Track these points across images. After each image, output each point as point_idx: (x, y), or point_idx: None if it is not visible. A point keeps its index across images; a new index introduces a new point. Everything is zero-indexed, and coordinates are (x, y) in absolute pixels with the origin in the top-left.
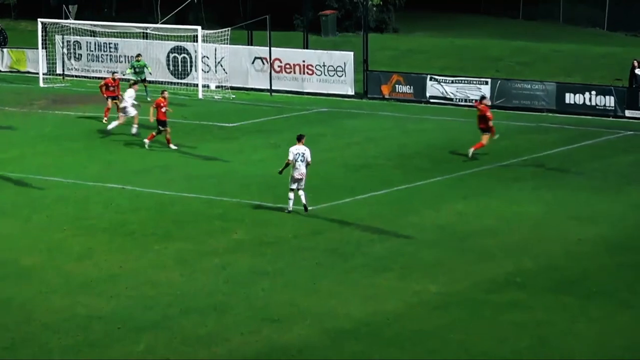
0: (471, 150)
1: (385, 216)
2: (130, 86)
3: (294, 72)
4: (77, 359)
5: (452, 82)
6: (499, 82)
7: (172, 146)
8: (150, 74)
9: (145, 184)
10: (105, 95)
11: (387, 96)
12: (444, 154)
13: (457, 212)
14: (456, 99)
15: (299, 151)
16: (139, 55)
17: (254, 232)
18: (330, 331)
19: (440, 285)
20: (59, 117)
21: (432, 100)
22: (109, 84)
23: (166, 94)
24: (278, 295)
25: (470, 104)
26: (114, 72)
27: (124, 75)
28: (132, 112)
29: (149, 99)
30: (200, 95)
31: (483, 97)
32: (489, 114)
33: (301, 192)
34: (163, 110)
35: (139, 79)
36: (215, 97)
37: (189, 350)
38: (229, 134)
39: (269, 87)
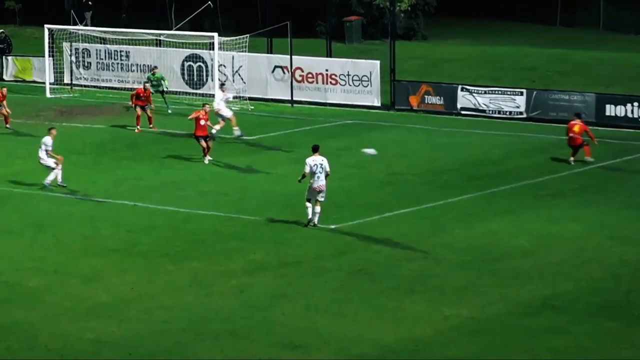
0: (588, 158)
1: (413, 235)
2: (220, 88)
3: (317, 82)
4: None
5: (485, 92)
6: (535, 92)
7: (207, 160)
8: (167, 88)
9: (158, 201)
10: (133, 103)
11: (415, 108)
12: (476, 169)
13: (490, 231)
14: (489, 110)
15: (316, 162)
16: (154, 67)
17: (273, 252)
18: (354, 358)
19: (473, 309)
20: (66, 129)
21: (463, 112)
22: (140, 94)
23: (207, 108)
24: (299, 319)
25: (505, 115)
26: (145, 82)
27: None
28: (228, 113)
29: (169, 111)
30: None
31: (578, 115)
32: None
33: (317, 208)
34: (202, 123)
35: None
36: (233, 108)
37: None
38: (247, 148)
39: (289, 98)
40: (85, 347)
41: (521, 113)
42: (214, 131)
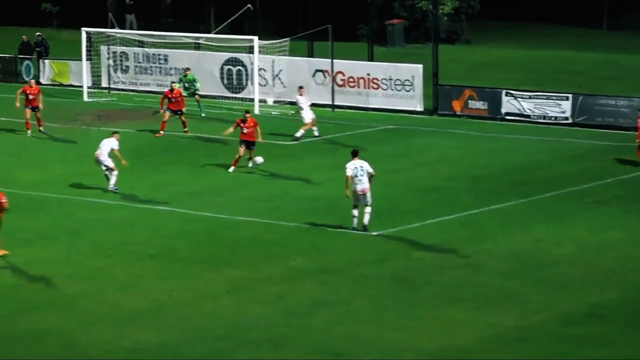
0: None
1: (456, 242)
2: (298, 92)
3: (358, 87)
4: None
5: (530, 97)
6: (581, 97)
7: (252, 163)
8: (197, 90)
9: (197, 207)
10: (163, 108)
11: (458, 112)
12: (521, 175)
13: (534, 238)
14: (534, 115)
15: (356, 165)
16: (187, 69)
17: (313, 259)
18: None
19: (516, 318)
20: (104, 134)
21: (507, 117)
22: (167, 95)
23: (248, 116)
24: (340, 327)
25: (550, 121)
26: (172, 83)
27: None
28: (308, 117)
29: (203, 114)
30: (256, 111)
31: None
32: None
33: (367, 209)
34: (245, 131)
35: (189, 94)
36: (273, 112)
37: None
38: (287, 153)
39: (330, 103)
40: (122, 355)
41: (567, 118)
42: (298, 135)
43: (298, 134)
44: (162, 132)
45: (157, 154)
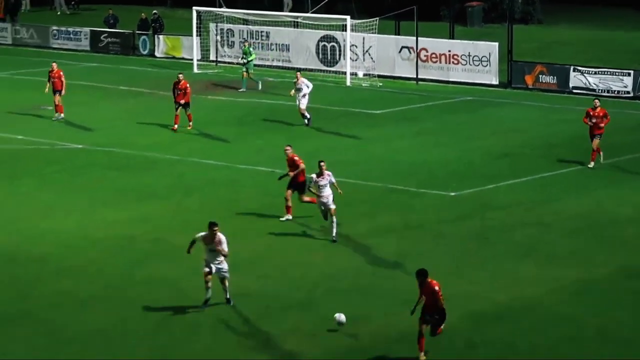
0: None
1: (526, 204)
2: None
3: (440, 62)
4: (226, 333)
5: (595, 73)
6: None
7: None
8: (248, 64)
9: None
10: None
11: (530, 86)
12: (586, 143)
13: (597, 201)
14: (599, 90)
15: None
16: (245, 41)
17: (398, 217)
18: (472, 315)
19: (580, 272)
20: (211, 102)
21: (575, 91)
22: (175, 86)
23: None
24: None
25: (613, 94)
26: (179, 73)
27: (246, 61)
28: (303, 104)
29: (243, 88)
30: (348, 83)
31: None
32: None
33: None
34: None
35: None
36: (363, 84)
37: (335, 329)
38: (374, 121)
39: (415, 76)
40: (224, 298)
41: (628, 92)
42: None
43: (306, 120)
44: (176, 126)
45: (258, 121)
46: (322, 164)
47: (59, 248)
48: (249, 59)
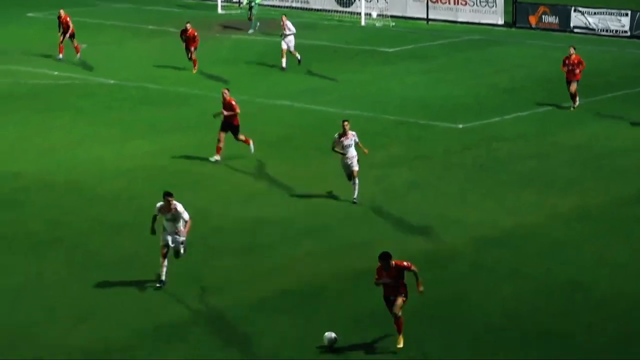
0: None
1: (529, 136)
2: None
3: (449, 3)
4: (247, 258)
5: (595, 13)
6: (639, 14)
7: None
8: (253, 8)
9: (310, 102)
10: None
11: (533, 26)
12: (585, 79)
13: (593, 133)
14: (598, 29)
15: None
16: None
17: (408, 148)
18: (477, 240)
19: (577, 200)
20: (234, 41)
21: (575, 30)
22: (182, 35)
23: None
24: (429, 206)
25: (611, 34)
26: (187, 22)
27: (252, 5)
28: (285, 45)
29: (250, 31)
30: (363, 23)
31: None
32: None
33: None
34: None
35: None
36: (377, 24)
37: (347, 253)
38: (387, 59)
39: (425, 16)
40: (247, 226)
41: (626, 32)
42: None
43: (284, 64)
44: (195, 68)
45: (277, 58)
46: (345, 123)
47: (92, 177)
48: (256, 1)
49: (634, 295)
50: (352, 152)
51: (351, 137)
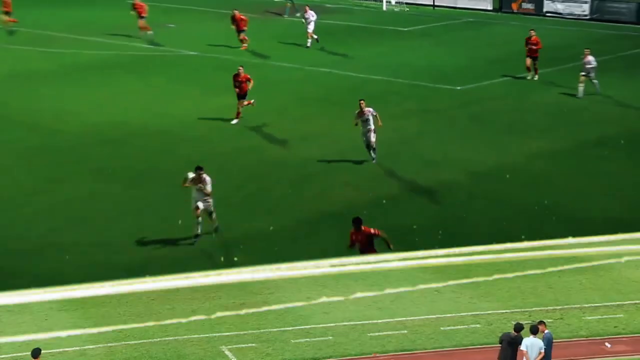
0: None
1: (512, 94)
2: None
3: None
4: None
5: (563, 1)
6: (597, 1)
7: None
8: None
9: (345, 69)
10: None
11: (515, 11)
12: (556, 52)
13: (561, 92)
14: (565, 13)
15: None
16: None
17: (419, 104)
18: (472, 174)
19: (550, 143)
20: (288, 21)
21: (547, 14)
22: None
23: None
24: (435, 149)
25: (575, 17)
26: (234, 10)
27: None
28: (310, 29)
29: (285, 15)
30: (384, 8)
31: None
32: None
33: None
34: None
35: None
36: (395, 9)
37: (370, 184)
38: (402, 36)
39: (432, 3)
40: (267, 169)
41: (586, 15)
42: (308, 44)
43: (308, 44)
44: (244, 45)
45: (323, 35)
46: (361, 102)
47: (180, 125)
48: None
49: (589, 211)
50: (371, 125)
51: (367, 113)
